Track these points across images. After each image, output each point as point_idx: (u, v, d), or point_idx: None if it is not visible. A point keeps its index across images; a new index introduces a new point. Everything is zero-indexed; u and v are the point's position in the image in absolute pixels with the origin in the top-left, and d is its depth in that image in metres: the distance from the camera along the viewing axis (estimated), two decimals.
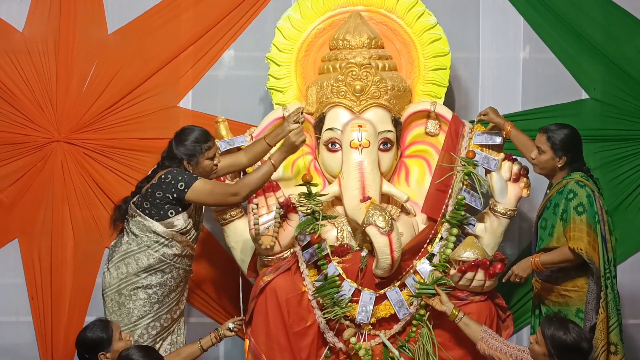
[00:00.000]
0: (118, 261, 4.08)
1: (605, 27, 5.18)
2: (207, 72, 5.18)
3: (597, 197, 4.05)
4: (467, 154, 4.41)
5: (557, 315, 3.62)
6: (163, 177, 4.00)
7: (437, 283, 4.20)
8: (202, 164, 4.10)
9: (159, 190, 3.99)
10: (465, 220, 4.38)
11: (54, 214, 5.10)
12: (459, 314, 4.01)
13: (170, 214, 4.02)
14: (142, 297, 4.05)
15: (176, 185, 3.95)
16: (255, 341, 4.25)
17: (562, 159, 4.15)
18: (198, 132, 4.12)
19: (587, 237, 3.97)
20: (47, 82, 5.07)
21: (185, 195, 3.95)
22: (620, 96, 5.17)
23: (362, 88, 4.41)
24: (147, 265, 4.03)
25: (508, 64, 5.26)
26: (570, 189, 4.07)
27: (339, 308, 4.17)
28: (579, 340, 3.39)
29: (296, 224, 4.19)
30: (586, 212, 4.00)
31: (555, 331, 3.41)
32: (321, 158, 4.57)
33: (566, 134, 4.17)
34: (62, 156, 5.06)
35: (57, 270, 5.10)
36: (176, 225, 4.04)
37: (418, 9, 4.73)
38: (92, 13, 5.10)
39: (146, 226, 4.02)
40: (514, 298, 5.14)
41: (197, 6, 5.12)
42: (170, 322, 4.17)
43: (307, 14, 4.76)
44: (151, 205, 4.02)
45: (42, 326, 5.10)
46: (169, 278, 4.10)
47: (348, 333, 4.21)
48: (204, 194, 3.99)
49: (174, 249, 4.07)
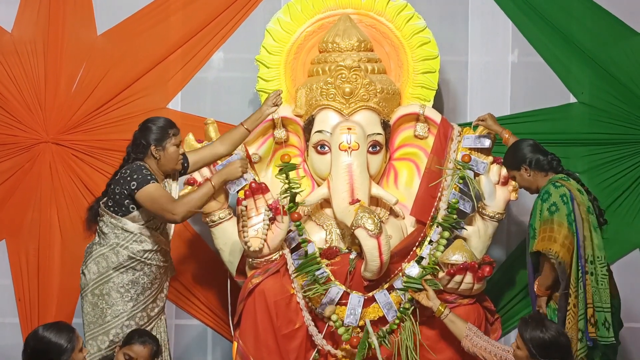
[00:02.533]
0: (90, 262, 4.05)
1: (593, 31, 5.20)
2: (196, 73, 5.18)
3: (575, 196, 4.05)
4: (463, 158, 4.43)
5: (532, 315, 3.67)
6: (122, 172, 4.02)
7: None
8: (169, 150, 4.08)
9: (117, 186, 4.00)
10: (456, 223, 4.39)
11: (42, 215, 5.08)
12: (444, 310, 4.04)
13: (132, 208, 4.00)
14: (115, 297, 4.01)
15: (129, 183, 3.94)
16: (244, 343, 4.24)
17: (525, 169, 4.22)
18: (164, 119, 4.15)
19: (557, 234, 3.98)
20: (35, 83, 5.06)
21: (135, 195, 3.93)
22: (608, 100, 5.19)
23: (352, 91, 4.41)
24: (118, 263, 4.01)
25: (497, 67, 5.27)
26: (546, 191, 4.09)
27: (319, 285, 4.19)
28: (557, 336, 3.45)
29: (285, 227, 4.20)
30: (558, 210, 4.01)
31: (532, 332, 3.46)
32: (310, 160, 4.57)
33: (509, 152, 4.31)
34: (50, 157, 5.05)
35: (45, 272, 5.09)
36: (141, 219, 4.02)
37: (407, 12, 4.73)
38: (81, 14, 5.10)
39: (114, 224, 4.01)
40: (502, 301, 5.15)
41: (187, 8, 5.12)
42: (147, 320, 4.12)
43: (296, 17, 4.76)
44: (114, 202, 4.01)
45: (28, 328, 5.06)
46: (140, 275, 4.06)
47: (329, 310, 4.21)
48: (148, 200, 3.93)
49: (144, 244, 4.04)
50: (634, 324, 5.13)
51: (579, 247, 4.00)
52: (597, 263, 4.02)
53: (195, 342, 5.25)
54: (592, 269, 4.00)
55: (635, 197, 5.12)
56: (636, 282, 5.17)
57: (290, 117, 4.62)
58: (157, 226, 4.10)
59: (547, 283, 4.09)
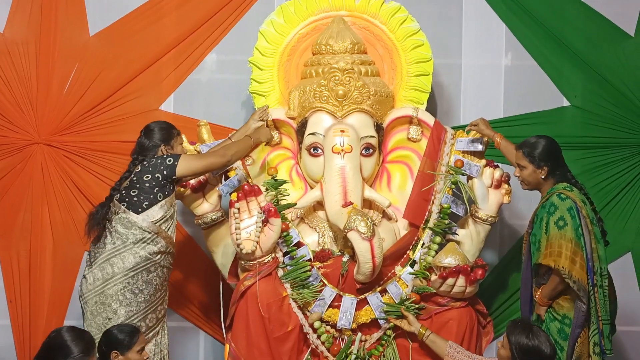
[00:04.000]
0: (103, 262, 4.04)
1: (586, 34, 5.21)
2: (189, 75, 5.17)
3: (580, 207, 4.02)
4: (455, 163, 4.43)
5: (522, 320, 3.72)
6: (146, 163, 4.07)
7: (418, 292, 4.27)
8: (177, 149, 4.23)
9: (147, 174, 4.03)
10: (448, 228, 4.39)
11: (33, 217, 5.06)
12: (425, 332, 4.11)
13: (159, 197, 4.04)
14: (129, 297, 4.02)
15: (164, 162, 4.05)
16: (236, 346, 4.23)
17: (543, 169, 4.14)
18: (163, 122, 4.33)
19: (566, 251, 3.94)
20: (27, 83, 5.04)
21: (177, 169, 4.04)
22: (601, 104, 5.20)
23: (345, 93, 4.41)
24: (134, 264, 4.02)
25: (490, 70, 5.28)
26: (552, 203, 4.04)
27: (308, 291, 4.20)
28: (540, 345, 3.50)
29: (278, 229, 4.19)
30: (567, 225, 3.97)
31: (518, 336, 3.52)
32: (303, 163, 4.56)
33: (542, 144, 4.17)
34: (42, 158, 5.03)
35: (36, 273, 5.07)
36: (157, 215, 4.04)
37: (401, 14, 4.73)
38: (73, 15, 5.08)
39: (131, 222, 4.02)
40: (494, 304, 5.15)
41: (180, 9, 5.11)
42: (155, 322, 4.14)
43: (290, 19, 4.75)
44: (139, 192, 4.02)
45: (20, 329, 5.06)
46: (154, 276, 4.08)
47: (313, 317, 4.23)
48: (193, 162, 4.11)
49: (159, 245, 4.06)
50: (626, 328, 5.13)
51: (588, 261, 3.98)
52: (600, 275, 4.03)
53: (188, 344, 5.24)
54: (600, 282, 4.01)
55: (627, 201, 5.13)
56: (627, 285, 5.18)
57: (283, 119, 4.61)
58: (168, 226, 4.12)
59: (552, 295, 4.05)
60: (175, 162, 4.05)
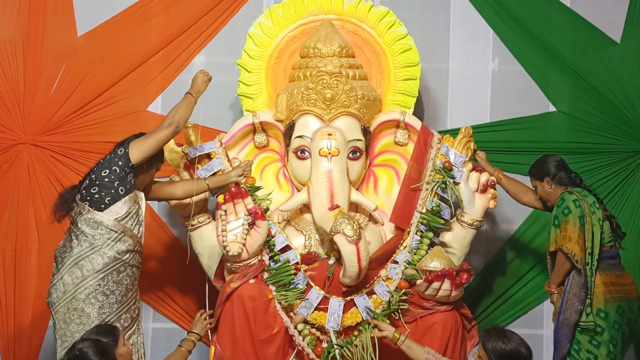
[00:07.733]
0: (71, 266, 4.01)
1: (573, 41, 5.25)
2: (177, 76, 5.16)
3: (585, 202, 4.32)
4: (444, 164, 4.46)
5: (494, 326, 3.74)
6: (102, 160, 4.07)
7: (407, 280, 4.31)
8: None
9: (104, 169, 4.02)
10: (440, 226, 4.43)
11: (19, 217, 5.05)
12: (400, 337, 4.04)
13: (121, 191, 4.01)
14: (101, 299, 4.00)
15: (117, 153, 4.04)
16: (221, 348, 4.23)
17: (545, 180, 4.50)
18: None
19: (572, 234, 4.27)
20: (14, 83, 5.03)
21: (130, 155, 4.02)
22: (587, 109, 5.24)
23: (333, 96, 4.42)
24: (103, 264, 3.99)
25: (477, 75, 5.31)
26: (562, 198, 4.39)
27: (292, 294, 4.21)
28: (518, 347, 3.54)
29: (264, 231, 4.20)
30: (571, 212, 4.30)
31: (494, 342, 3.56)
32: (290, 165, 4.57)
33: (537, 161, 4.60)
34: (29, 158, 5.02)
35: (21, 274, 5.05)
36: (121, 211, 4.02)
37: (389, 19, 4.73)
38: (61, 15, 5.07)
39: (97, 222, 3.99)
40: (479, 308, 5.17)
41: (168, 10, 5.11)
42: (130, 322, 4.12)
43: (278, 21, 4.75)
44: (99, 189, 4.00)
45: (4, 330, 5.04)
46: (124, 276, 4.06)
47: (297, 319, 4.23)
48: (143, 143, 4.06)
49: (127, 244, 4.04)
50: None
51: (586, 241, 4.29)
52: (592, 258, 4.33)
53: (173, 345, 5.17)
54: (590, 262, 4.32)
55: (612, 206, 5.15)
56: None
57: (270, 122, 4.62)
58: (133, 224, 4.09)
59: (559, 279, 4.38)
60: (127, 149, 4.03)
